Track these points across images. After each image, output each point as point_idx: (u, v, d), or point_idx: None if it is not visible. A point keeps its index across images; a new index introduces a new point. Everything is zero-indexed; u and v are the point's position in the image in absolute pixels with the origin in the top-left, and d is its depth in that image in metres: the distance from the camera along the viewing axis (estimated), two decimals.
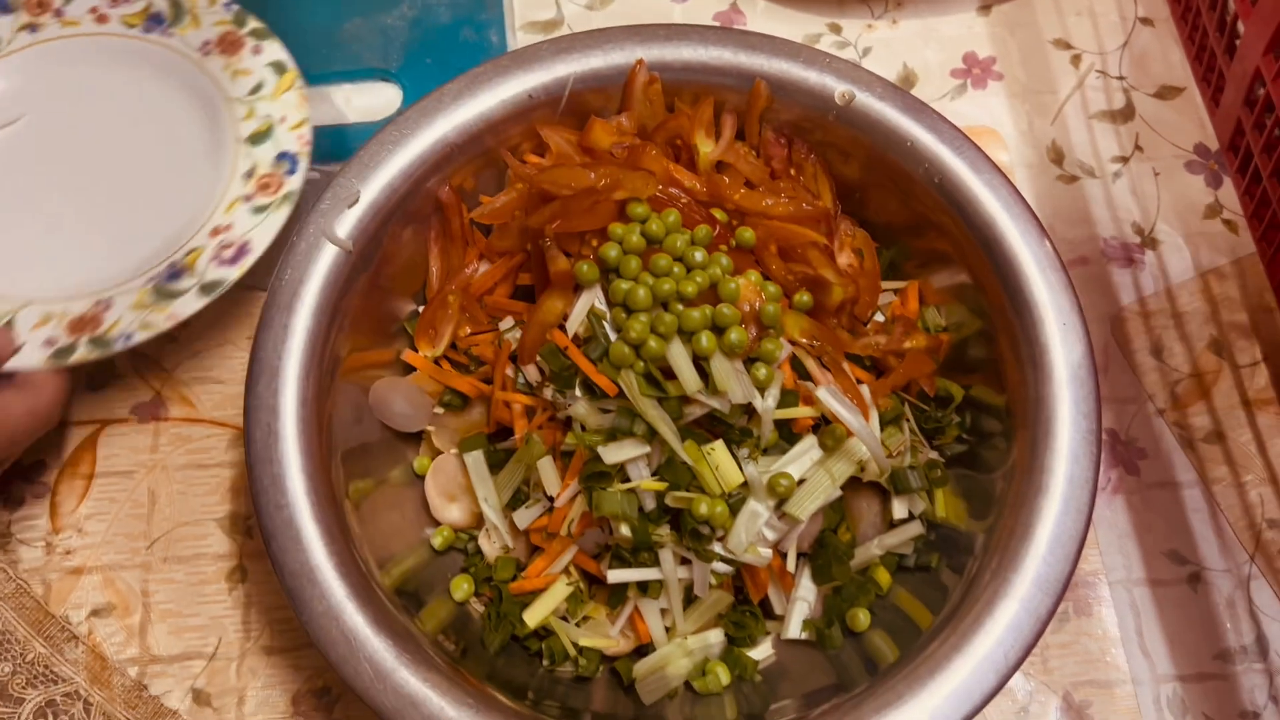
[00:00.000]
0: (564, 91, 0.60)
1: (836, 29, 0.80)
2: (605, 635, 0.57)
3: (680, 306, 0.53)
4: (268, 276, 0.56)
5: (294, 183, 0.63)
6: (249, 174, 0.64)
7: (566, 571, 0.57)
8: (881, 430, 0.58)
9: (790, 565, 0.56)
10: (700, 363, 0.53)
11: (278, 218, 0.62)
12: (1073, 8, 0.80)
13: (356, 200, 0.56)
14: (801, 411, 0.54)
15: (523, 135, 0.61)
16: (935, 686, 0.48)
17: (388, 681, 0.48)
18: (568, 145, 0.60)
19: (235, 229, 0.62)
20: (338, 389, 0.56)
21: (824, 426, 0.55)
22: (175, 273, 0.61)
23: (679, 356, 0.52)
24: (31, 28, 0.69)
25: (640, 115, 0.61)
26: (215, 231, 0.63)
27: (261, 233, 0.62)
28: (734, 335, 0.52)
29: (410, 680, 0.48)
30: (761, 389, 0.54)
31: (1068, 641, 0.62)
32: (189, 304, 0.60)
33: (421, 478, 0.61)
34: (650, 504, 0.54)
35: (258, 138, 0.65)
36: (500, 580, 0.57)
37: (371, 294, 0.58)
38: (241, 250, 0.61)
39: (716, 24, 0.79)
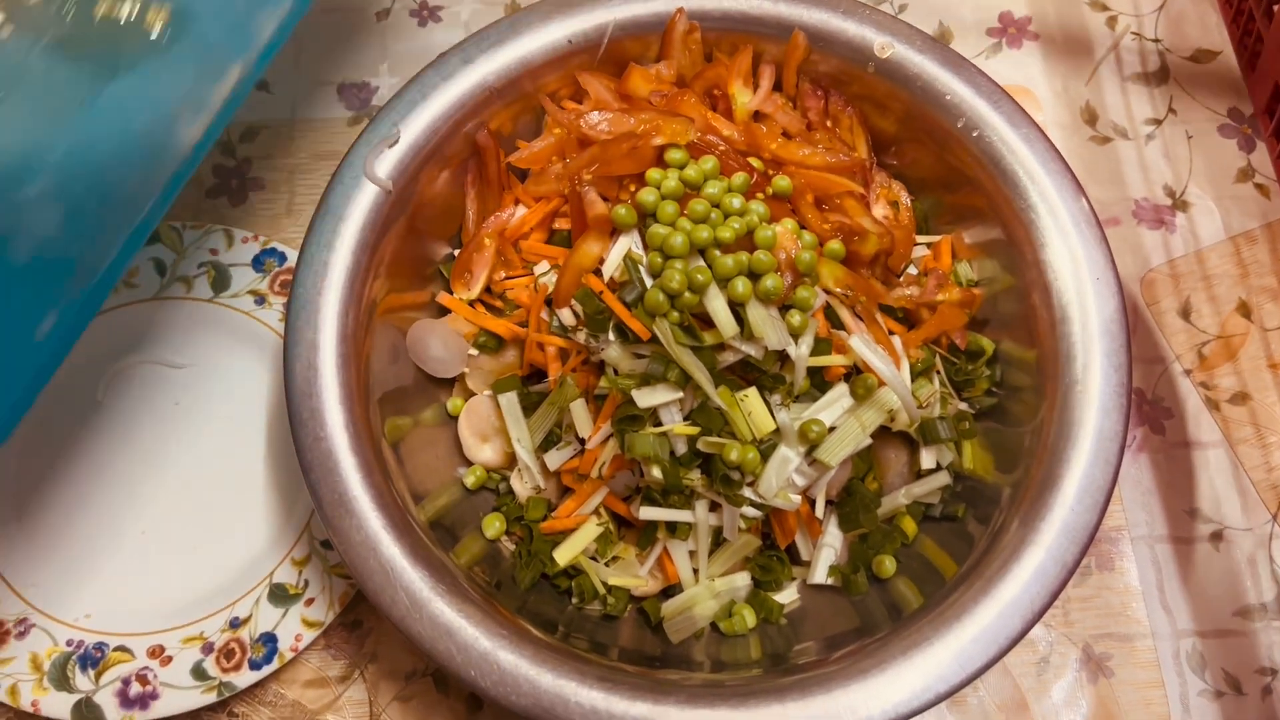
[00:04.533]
0: (603, 38, 0.60)
1: None
2: (634, 575, 0.57)
3: (716, 252, 0.53)
4: None
5: None
6: None
7: (596, 513, 0.58)
8: (912, 381, 0.58)
9: (818, 512, 0.57)
10: (735, 309, 0.53)
11: None
12: None
13: (397, 140, 0.57)
14: (834, 359, 0.55)
15: (561, 81, 0.61)
16: (961, 629, 0.49)
17: (423, 611, 0.49)
18: (606, 92, 0.61)
19: None
20: (374, 328, 0.57)
21: (855, 375, 0.56)
22: None
23: (716, 302, 0.52)
24: None
25: (679, 64, 0.61)
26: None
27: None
28: (770, 282, 0.53)
29: (445, 610, 0.49)
30: (795, 336, 0.54)
31: (1089, 595, 0.62)
32: None
33: (455, 418, 0.61)
34: (681, 448, 0.54)
35: None
36: (531, 520, 0.58)
37: (408, 236, 0.59)
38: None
39: None
